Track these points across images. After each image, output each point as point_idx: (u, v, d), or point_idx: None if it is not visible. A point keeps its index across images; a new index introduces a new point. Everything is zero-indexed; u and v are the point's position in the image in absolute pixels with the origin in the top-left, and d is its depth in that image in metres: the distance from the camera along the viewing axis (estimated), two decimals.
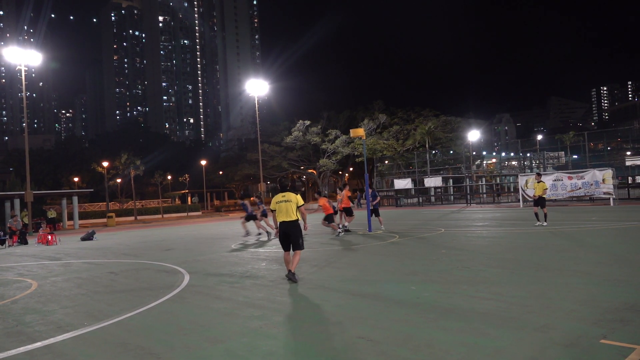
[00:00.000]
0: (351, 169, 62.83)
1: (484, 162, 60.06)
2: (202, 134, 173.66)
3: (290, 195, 7.53)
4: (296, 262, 7.53)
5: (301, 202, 7.58)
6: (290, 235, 7.44)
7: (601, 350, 3.80)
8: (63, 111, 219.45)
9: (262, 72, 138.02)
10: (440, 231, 14.75)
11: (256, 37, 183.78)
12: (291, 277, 7.37)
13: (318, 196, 16.60)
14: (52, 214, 33.70)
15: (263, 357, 4.19)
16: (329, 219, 15.74)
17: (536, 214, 14.94)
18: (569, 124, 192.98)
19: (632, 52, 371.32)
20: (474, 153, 48.48)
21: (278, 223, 7.54)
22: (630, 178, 34.94)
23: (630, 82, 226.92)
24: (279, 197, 7.57)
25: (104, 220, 44.44)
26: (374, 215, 16.27)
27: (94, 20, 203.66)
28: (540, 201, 14.73)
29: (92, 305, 6.68)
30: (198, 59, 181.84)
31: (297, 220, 7.49)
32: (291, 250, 7.60)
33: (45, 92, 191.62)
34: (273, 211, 7.62)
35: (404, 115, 52.02)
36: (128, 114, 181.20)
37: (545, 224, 14.54)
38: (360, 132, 16.60)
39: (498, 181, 47.40)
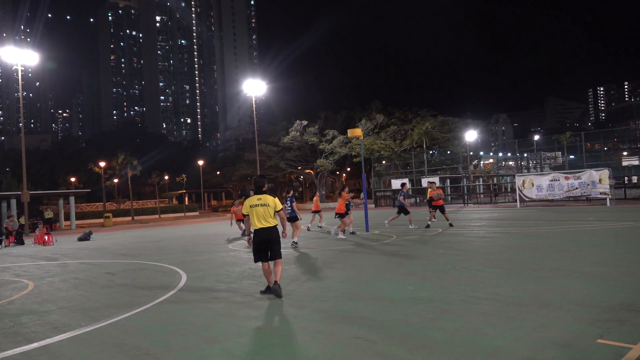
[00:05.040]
0: (349, 169, 62.87)
1: (481, 162, 60.22)
2: (200, 134, 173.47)
3: (268, 199, 6.57)
4: (280, 272, 6.64)
5: (280, 206, 6.66)
6: (269, 243, 6.53)
7: (598, 349, 3.81)
8: (60, 111, 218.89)
9: (259, 72, 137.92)
10: (438, 231, 14.76)
11: (254, 37, 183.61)
12: (276, 290, 6.44)
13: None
14: (48, 214, 33.61)
15: (260, 358, 4.19)
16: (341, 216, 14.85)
17: (434, 215, 16.86)
18: (565, 124, 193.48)
19: (629, 53, 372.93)
20: (472, 153, 48.57)
21: (253, 230, 6.57)
22: (626, 178, 35.04)
23: (626, 83, 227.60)
24: (253, 199, 6.56)
25: (101, 220, 44.36)
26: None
27: (91, 20, 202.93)
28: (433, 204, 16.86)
29: (88, 306, 6.66)
30: (195, 59, 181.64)
31: (276, 225, 6.60)
32: (269, 260, 6.65)
33: (42, 92, 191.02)
34: (246, 216, 6.63)
35: (402, 116, 52.09)
36: (125, 114, 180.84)
37: (430, 223, 16.06)
38: (357, 132, 16.62)
39: (495, 181, 47.50)
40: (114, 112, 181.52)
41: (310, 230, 17.65)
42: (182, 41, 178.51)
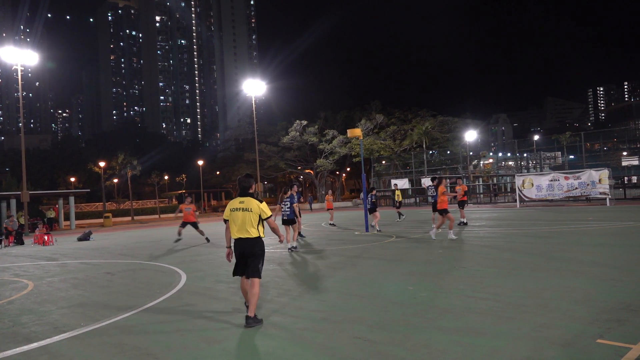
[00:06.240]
0: (348, 169, 62.84)
1: (481, 162, 60.20)
2: (199, 134, 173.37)
3: (251, 202, 5.35)
4: (255, 300, 5.18)
5: (267, 212, 5.40)
6: (247, 257, 5.31)
7: (597, 349, 3.82)
8: (59, 111, 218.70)
9: (259, 72, 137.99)
10: (438, 231, 14.75)
11: (253, 37, 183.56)
12: (251, 322, 5.10)
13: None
14: (51, 213, 33.64)
15: (260, 358, 4.18)
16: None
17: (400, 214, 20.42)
18: (565, 124, 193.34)
19: (629, 53, 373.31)
20: (471, 153, 48.56)
21: (232, 239, 5.50)
22: (626, 178, 35.04)
23: (626, 83, 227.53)
24: (235, 203, 5.42)
25: (101, 220, 44.33)
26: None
27: (91, 19, 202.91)
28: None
29: (88, 306, 6.66)
30: (195, 59, 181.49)
31: (259, 237, 5.35)
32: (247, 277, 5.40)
33: (42, 92, 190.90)
34: (226, 221, 5.53)
35: (401, 116, 52.07)
36: (125, 113, 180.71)
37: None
38: (357, 132, 16.62)
39: (495, 181, 47.49)
40: (114, 112, 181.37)
41: (335, 225, 19.44)
42: (182, 41, 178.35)
